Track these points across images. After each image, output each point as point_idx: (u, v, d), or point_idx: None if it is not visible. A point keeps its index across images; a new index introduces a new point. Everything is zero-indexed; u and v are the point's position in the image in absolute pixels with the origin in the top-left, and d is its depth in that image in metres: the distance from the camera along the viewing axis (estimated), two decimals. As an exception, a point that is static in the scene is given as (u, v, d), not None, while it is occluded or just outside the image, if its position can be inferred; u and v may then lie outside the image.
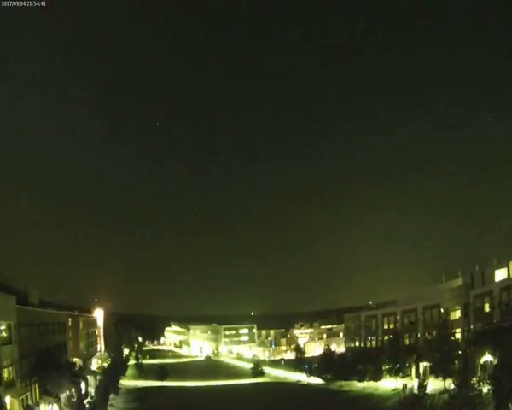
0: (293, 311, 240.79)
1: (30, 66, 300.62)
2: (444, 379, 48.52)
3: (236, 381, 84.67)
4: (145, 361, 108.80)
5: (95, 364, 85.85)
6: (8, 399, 36.19)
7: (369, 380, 64.30)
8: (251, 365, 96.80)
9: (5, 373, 37.11)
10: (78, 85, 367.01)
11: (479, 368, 46.96)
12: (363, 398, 56.53)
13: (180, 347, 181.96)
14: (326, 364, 77.20)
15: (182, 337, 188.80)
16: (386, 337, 74.02)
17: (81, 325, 78.04)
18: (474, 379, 38.20)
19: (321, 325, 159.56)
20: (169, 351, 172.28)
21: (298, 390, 71.85)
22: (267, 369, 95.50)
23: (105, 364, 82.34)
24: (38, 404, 43.83)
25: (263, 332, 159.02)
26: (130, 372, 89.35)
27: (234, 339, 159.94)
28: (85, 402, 46.48)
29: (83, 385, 54.92)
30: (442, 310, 63.11)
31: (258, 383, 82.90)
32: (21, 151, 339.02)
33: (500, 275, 55.05)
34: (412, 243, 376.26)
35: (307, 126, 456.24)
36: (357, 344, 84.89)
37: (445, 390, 41.01)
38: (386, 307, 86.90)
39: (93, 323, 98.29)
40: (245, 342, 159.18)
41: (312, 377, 78.71)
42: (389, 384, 60.21)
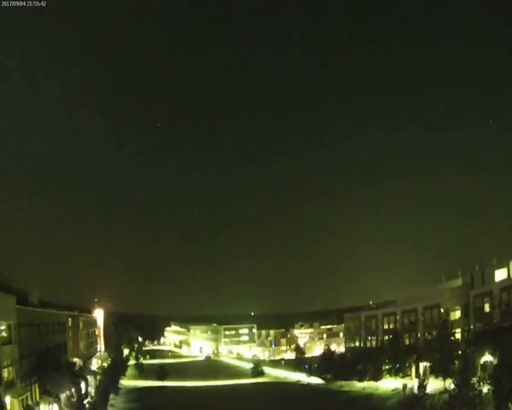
0: (293, 311, 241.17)
1: (30, 66, 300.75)
2: (444, 379, 48.48)
3: (236, 381, 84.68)
4: (145, 361, 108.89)
5: (95, 364, 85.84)
6: (8, 399, 36.16)
7: (369, 380, 64.27)
8: (251, 365, 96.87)
9: (5, 373, 37.07)
10: (78, 85, 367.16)
11: (479, 368, 46.97)
12: (363, 398, 56.52)
13: (180, 347, 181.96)
14: (326, 364, 77.18)
15: (182, 337, 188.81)
16: (386, 337, 73.99)
17: (81, 325, 78.03)
18: (474, 379, 38.12)
19: (321, 325, 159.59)
20: (169, 351, 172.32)
21: (298, 390, 71.96)
22: (267, 369, 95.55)
23: (105, 364, 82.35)
24: (38, 404, 43.79)
25: (263, 332, 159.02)
26: (130, 372, 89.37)
27: (234, 339, 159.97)
28: (85, 402, 46.47)
29: (83, 385, 54.88)
30: (442, 310, 63.08)
31: (258, 383, 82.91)
32: (21, 151, 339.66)
33: (500, 275, 55.03)
34: (412, 243, 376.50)
35: (307, 126, 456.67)
36: (357, 344, 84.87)
37: (445, 390, 40.92)
38: (386, 307, 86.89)
39: (93, 323, 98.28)
40: (245, 342, 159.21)
41: (312, 377, 78.73)
42: (389, 384, 60.19)
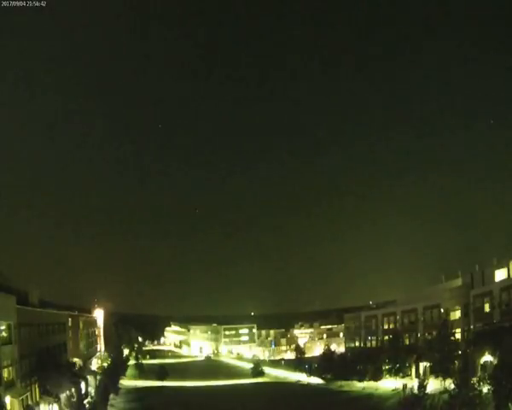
0: (293, 311, 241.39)
1: (30, 66, 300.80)
2: (444, 379, 48.50)
3: (236, 381, 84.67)
4: (145, 361, 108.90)
5: (95, 364, 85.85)
6: (8, 399, 36.17)
7: (369, 380, 64.26)
8: (251, 365, 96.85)
9: (5, 373, 37.09)
10: (78, 85, 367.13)
11: (479, 368, 46.96)
12: (363, 398, 56.51)
13: (180, 347, 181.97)
14: (326, 364, 77.15)
15: (182, 337, 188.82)
16: (386, 337, 73.97)
17: (81, 325, 78.04)
18: (474, 379, 38.11)
19: (321, 325, 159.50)
20: (169, 351, 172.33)
21: (298, 390, 71.96)
22: (267, 369, 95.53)
23: (105, 364, 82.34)
24: (38, 404, 43.81)
25: (263, 332, 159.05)
26: (130, 372, 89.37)
27: (234, 339, 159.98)
28: (85, 402, 46.46)
29: (83, 385, 54.90)
30: (442, 310, 63.05)
31: (258, 383, 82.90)
32: (21, 151, 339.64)
33: (500, 275, 55.00)
34: (412, 243, 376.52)
35: (308, 128, 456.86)
36: (357, 344, 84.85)
37: (445, 390, 40.91)
38: (386, 307, 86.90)
39: (93, 323, 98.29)
40: (245, 342, 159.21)
41: (312, 377, 78.70)
42: (389, 384, 60.18)
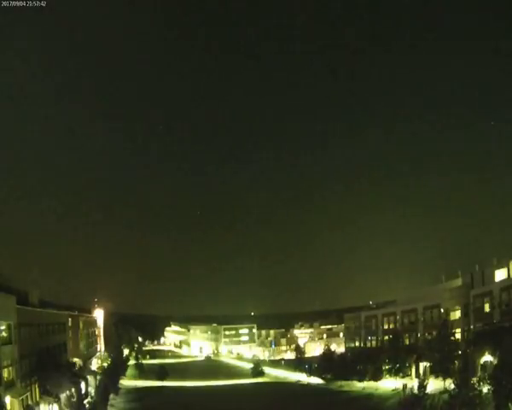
0: (293, 311, 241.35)
1: (30, 66, 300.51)
2: (444, 379, 48.47)
3: (236, 381, 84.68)
4: (145, 361, 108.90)
5: (95, 364, 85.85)
6: (8, 399, 36.17)
7: (369, 380, 64.24)
8: (251, 365, 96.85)
9: (5, 373, 37.10)
10: (78, 85, 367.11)
11: (479, 368, 46.98)
12: (363, 398, 56.52)
13: (180, 347, 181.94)
14: (326, 364, 77.13)
15: (182, 337, 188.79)
16: (386, 337, 73.96)
17: (81, 325, 78.04)
18: (474, 379, 38.09)
19: (321, 325, 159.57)
20: (169, 351, 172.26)
21: (298, 390, 71.97)
22: (267, 369, 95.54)
23: (105, 364, 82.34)
24: (38, 404, 43.81)
25: (263, 332, 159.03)
26: (130, 372, 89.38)
27: (234, 339, 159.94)
28: (85, 402, 46.45)
29: (83, 385, 54.89)
30: (442, 310, 63.06)
31: (258, 383, 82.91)
32: (21, 151, 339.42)
33: (500, 275, 55.02)
34: (412, 243, 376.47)
35: (307, 126, 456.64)
36: (357, 344, 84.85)
37: (445, 390, 40.90)
38: (386, 307, 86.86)
39: (93, 323, 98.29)
40: (245, 342, 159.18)
41: (312, 377, 78.70)
42: (389, 384, 60.17)
